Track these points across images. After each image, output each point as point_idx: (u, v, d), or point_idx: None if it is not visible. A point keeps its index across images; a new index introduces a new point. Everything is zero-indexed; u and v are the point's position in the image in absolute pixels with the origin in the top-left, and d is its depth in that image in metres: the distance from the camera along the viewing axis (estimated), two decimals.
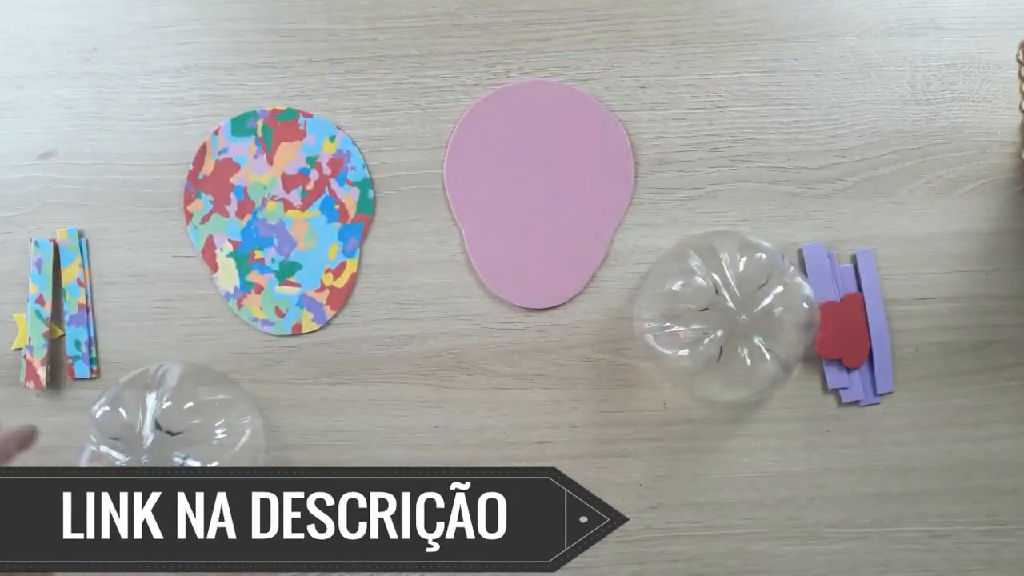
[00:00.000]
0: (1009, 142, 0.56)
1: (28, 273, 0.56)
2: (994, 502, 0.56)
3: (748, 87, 0.56)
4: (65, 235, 0.56)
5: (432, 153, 0.57)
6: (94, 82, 0.57)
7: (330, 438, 0.57)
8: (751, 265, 0.51)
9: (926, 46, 0.56)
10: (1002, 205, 0.56)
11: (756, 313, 0.50)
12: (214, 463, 0.51)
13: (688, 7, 0.57)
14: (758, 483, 0.56)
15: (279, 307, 0.56)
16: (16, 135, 0.57)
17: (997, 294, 0.56)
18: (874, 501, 0.56)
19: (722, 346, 0.50)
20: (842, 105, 0.56)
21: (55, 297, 0.56)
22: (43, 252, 0.55)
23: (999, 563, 0.56)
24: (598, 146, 0.56)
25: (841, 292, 0.56)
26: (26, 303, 0.56)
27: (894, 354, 0.56)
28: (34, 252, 0.55)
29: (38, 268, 0.55)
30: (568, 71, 0.57)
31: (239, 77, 0.57)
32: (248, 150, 0.57)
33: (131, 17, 0.57)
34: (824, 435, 0.56)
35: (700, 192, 0.56)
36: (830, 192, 0.56)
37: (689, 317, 0.51)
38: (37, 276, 0.55)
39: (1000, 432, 0.56)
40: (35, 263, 0.55)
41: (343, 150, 0.57)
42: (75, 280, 0.56)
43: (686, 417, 0.56)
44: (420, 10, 0.57)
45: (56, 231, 0.56)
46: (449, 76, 0.57)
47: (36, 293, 0.55)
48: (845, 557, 0.56)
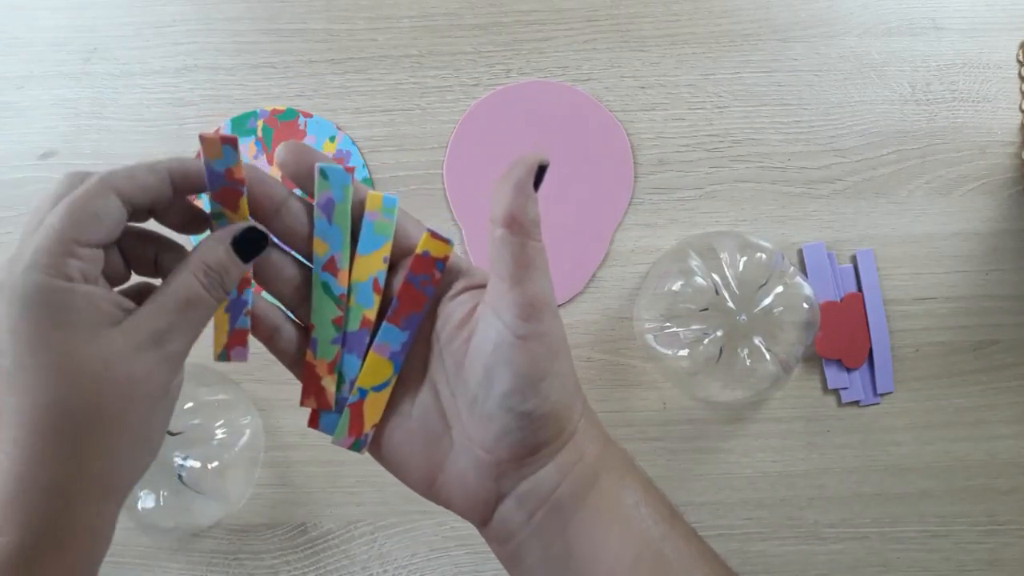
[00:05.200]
0: (1009, 142, 0.56)
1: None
2: (994, 502, 0.56)
3: (748, 87, 0.56)
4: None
5: (432, 153, 0.57)
6: (94, 82, 0.57)
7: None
8: (751, 265, 0.51)
9: (926, 46, 0.56)
10: (1002, 205, 0.56)
11: (756, 313, 0.50)
12: (214, 463, 0.51)
13: (688, 7, 0.57)
14: (758, 483, 0.56)
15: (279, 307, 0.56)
16: (16, 135, 0.57)
17: (997, 294, 0.56)
18: (874, 501, 0.56)
19: (722, 346, 0.50)
20: (842, 105, 0.56)
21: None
22: (334, 188, 0.30)
23: (999, 563, 0.56)
24: (598, 146, 0.56)
25: (841, 292, 0.56)
26: None
27: (894, 354, 0.56)
28: (320, 186, 0.30)
29: (327, 216, 0.30)
30: (568, 71, 0.57)
31: (239, 77, 0.57)
32: (248, 150, 0.57)
33: (131, 17, 0.57)
34: (824, 435, 0.56)
35: (700, 192, 0.56)
36: (830, 192, 0.56)
37: (689, 317, 0.51)
38: (327, 228, 0.30)
39: (1000, 432, 0.56)
40: (322, 205, 0.30)
41: (343, 150, 0.57)
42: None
43: (686, 417, 0.56)
44: (420, 10, 0.57)
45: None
46: (449, 76, 0.57)
47: (325, 255, 0.31)
48: (845, 557, 0.56)
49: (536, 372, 0.28)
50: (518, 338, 0.27)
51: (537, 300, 0.28)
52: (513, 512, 0.29)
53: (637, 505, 0.29)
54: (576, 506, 0.29)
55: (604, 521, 0.29)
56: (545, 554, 0.29)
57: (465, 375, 0.29)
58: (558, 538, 0.29)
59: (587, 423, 0.30)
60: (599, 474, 0.30)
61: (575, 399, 0.30)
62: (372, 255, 0.30)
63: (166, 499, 0.50)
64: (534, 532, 0.29)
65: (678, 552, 0.29)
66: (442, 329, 0.30)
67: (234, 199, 0.29)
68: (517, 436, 0.28)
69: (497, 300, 0.28)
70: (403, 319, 0.30)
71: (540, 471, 0.29)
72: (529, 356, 0.28)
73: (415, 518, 0.56)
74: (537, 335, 0.28)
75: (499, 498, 0.30)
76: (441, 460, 0.30)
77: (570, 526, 0.29)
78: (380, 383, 0.30)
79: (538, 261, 0.28)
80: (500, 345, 0.28)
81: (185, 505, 0.51)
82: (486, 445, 0.29)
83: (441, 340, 0.30)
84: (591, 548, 0.29)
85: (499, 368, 0.28)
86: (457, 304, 0.30)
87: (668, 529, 0.29)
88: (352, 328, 0.30)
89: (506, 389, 0.28)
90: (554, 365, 0.28)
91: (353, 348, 0.31)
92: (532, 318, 0.27)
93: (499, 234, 0.27)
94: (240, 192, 0.29)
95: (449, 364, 0.30)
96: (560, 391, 0.29)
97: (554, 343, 0.28)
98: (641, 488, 0.30)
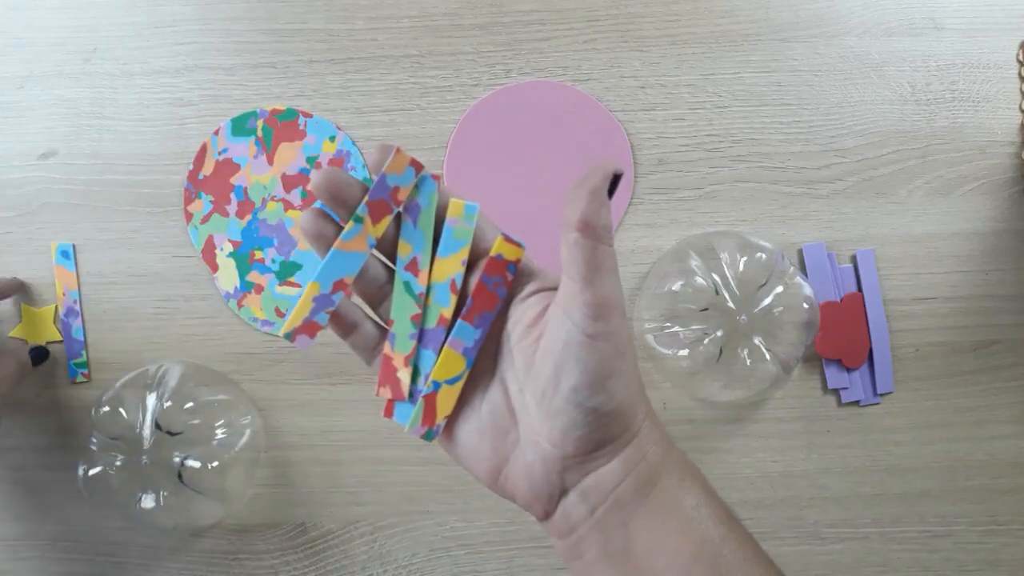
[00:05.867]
0: (1009, 142, 0.56)
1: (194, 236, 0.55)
2: (994, 502, 0.56)
3: (748, 87, 0.56)
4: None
5: (432, 153, 0.57)
6: (94, 82, 0.57)
7: (330, 438, 0.57)
8: (751, 265, 0.51)
9: (926, 46, 0.56)
10: (1002, 205, 0.56)
11: (756, 313, 0.50)
12: (214, 463, 0.51)
13: (688, 7, 0.57)
14: (758, 483, 0.56)
15: (279, 307, 0.56)
16: (16, 135, 0.57)
17: (997, 294, 0.56)
18: (874, 501, 0.56)
19: (722, 346, 0.50)
20: (842, 105, 0.56)
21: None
22: (422, 196, 0.32)
23: (999, 563, 0.56)
24: (598, 146, 0.56)
25: (841, 292, 0.56)
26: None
27: (894, 354, 0.56)
28: (412, 194, 0.32)
29: (413, 220, 0.33)
30: (568, 71, 0.57)
31: (239, 77, 0.57)
32: (248, 150, 0.57)
33: (131, 17, 0.57)
34: (824, 435, 0.56)
35: (700, 192, 0.56)
36: (830, 192, 0.56)
37: (689, 317, 0.51)
38: (412, 231, 0.33)
39: (1000, 432, 0.56)
40: (409, 210, 0.32)
41: (343, 150, 0.57)
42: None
43: (686, 417, 0.56)
44: (420, 10, 0.57)
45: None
46: (449, 76, 0.57)
47: (408, 256, 0.33)
48: (845, 557, 0.56)
49: (604, 370, 0.29)
50: (587, 336, 0.29)
51: (607, 301, 0.29)
52: (576, 506, 0.30)
53: (697, 507, 0.30)
54: (637, 503, 0.30)
55: (664, 519, 0.30)
56: (605, 548, 0.30)
57: (535, 372, 0.30)
58: (618, 533, 0.30)
59: (651, 425, 0.31)
60: (661, 474, 0.30)
61: (639, 400, 0.31)
62: (451, 257, 0.32)
63: (166, 499, 0.50)
64: (595, 526, 0.30)
65: (735, 554, 0.30)
66: (513, 328, 0.32)
67: (382, 214, 0.31)
68: (583, 431, 0.29)
69: (568, 300, 0.29)
70: (477, 317, 0.32)
71: (604, 467, 0.30)
72: (597, 354, 0.29)
73: (415, 518, 0.56)
74: (605, 334, 0.29)
75: (563, 492, 0.31)
76: (508, 453, 0.32)
77: (631, 522, 0.30)
78: (453, 377, 0.32)
79: (608, 264, 0.29)
80: (570, 343, 0.29)
81: (185, 505, 0.51)
82: (553, 439, 0.30)
83: (512, 339, 0.32)
84: (650, 544, 0.29)
85: (568, 365, 0.29)
86: (528, 305, 0.32)
87: (727, 531, 0.30)
88: (429, 325, 0.33)
89: (574, 385, 0.29)
90: (621, 364, 0.29)
91: (429, 344, 0.33)
92: (601, 318, 0.29)
93: (572, 237, 0.29)
94: (390, 211, 0.31)
95: (519, 361, 0.32)
96: (625, 390, 0.30)
97: (621, 343, 0.30)
98: (702, 491, 0.31)
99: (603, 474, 0.30)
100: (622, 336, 0.30)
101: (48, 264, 0.57)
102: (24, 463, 0.57)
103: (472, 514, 0.56)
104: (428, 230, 0.32)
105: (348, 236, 0.31)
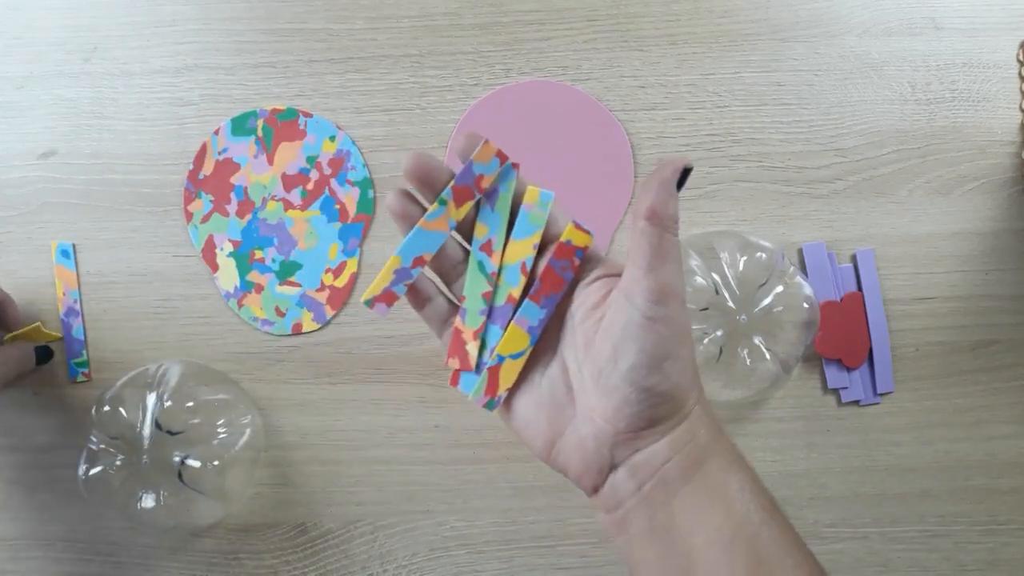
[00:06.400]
0: (1009, 142, 0.56)
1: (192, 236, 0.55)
2: (994, 502, 0.56)
3: (748, 87, 0.56)
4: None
5: (432, 153, 0.57)
6: (94, 82, 0.57)
7: (330, 438, 0.57)
8: (751, 265, 0.51)
9: (926, 46, 0.56)
10: (1002, 205, 0.56)
11: (756, 313, 0.50)
12: (214, 463, 0.51)
13: (688, 7, 0.57)
14: None
15: (279, 307, 0.56)
16: (16, 135, 0.57)
17: (997, 294, 0.56)
18: (874, 501, 0.56)
19: (722, 346, 0.50)
20: (842, 105, 0.56)
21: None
22: (502, 181, 0.34)
23: (999, 563, 0.56)
24: (598, 146, 0.56)
25: (841, 292, 0.56)
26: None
27: (894, 354, 0.56)
28: (493, 179, 0.34)
29: (491, 203, 0.35)
30: (568, 71, 0.57)
31: (239, 77, 0.57)
32: (248, 150, 0.57)
33: (131, 17, 0.57)
34: (824, 435, 0.56)
35: (700, 192, 0.56)
36: (830, 192, 0.56)
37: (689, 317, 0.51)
38: (489, 214, 0.35)
39: (1000, 432, 0.56)
40: (488, 194, 0.35)
41: (343, 150, 0.57)
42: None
43: None
44: (420, 10, 0.57)
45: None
46: (449, 76, 0.57)
47: (484, 237, 0.35)
48: (845, 557, 0.56)
49: (660, 352, 0.30)
50: (647, 319, 0.30)
51: (668, 287, 0.30)
52: (624, 481, 0.32)
53: (742, 490, 0.31)
54: (683, 481, 0.31)
55: (708, 498, 0.31)
56: (650, 523, 0.31)
57: (594, 351, 0.32)
58: (663, 509, 0.31)
59: (702, 410, 0.32)
60: (708, 457, 0.32)
61: (693, 384, 0.32)
62: (524, 241, 0.34)
63: (166, 499, 0.50)
64: (642, 501, 0.31)
65: (774, 539, 0.31)
66: (577, 310, 0.34)
67: (464, 199, 0.34)
68: (636, 408, 0.31)
69: (631, 285, 0.31)
70: (543, 298, 0.34)
71: (654, 445, 0.31)
72: (655, 336, 0.30)
73: (415, 518, 0.56)
74: (665, 318, 0.30)
75: (612, 467, 0.32)
76: (563, 427, 0.33)
77: (676, 499, 0.31)
78: (517, 352, 0.34)
79: (673, 253, 0.31)
80: (629, 325, 0.30)
81: (185, 505, 0.51)
82: (607, 415, 0.31)
83: (575, 319, 0.33)
84: (693, 521, 0.31)
85: (627, 345, 0.30)
86: (593, 289, 0.33)
87: (768, 516, 0.31)
88: (499, 303, 0.35)
89: (632, 363, 0.30)
90: (677, 348, 0.31)
91: (497, 320, 0.35)
92: (661, 302, 0.30)
93: (641, 225, 0.31)
94: (472, 196, 0.34)
95: (580, 341, 0.33)
96: (680, 373, 0.31)
97: (679, 329, 0.31)
98: (747, 477, 0.32)
99: (652, 451, 0.31)
100: (680, 322, 0.31)
101: (48, 264, 0.57)
102: (24, 463, 0.57)
103: (472, 514, 0.56)
104: (504, 214, 0.34)
105: (432, 217, 0.34)
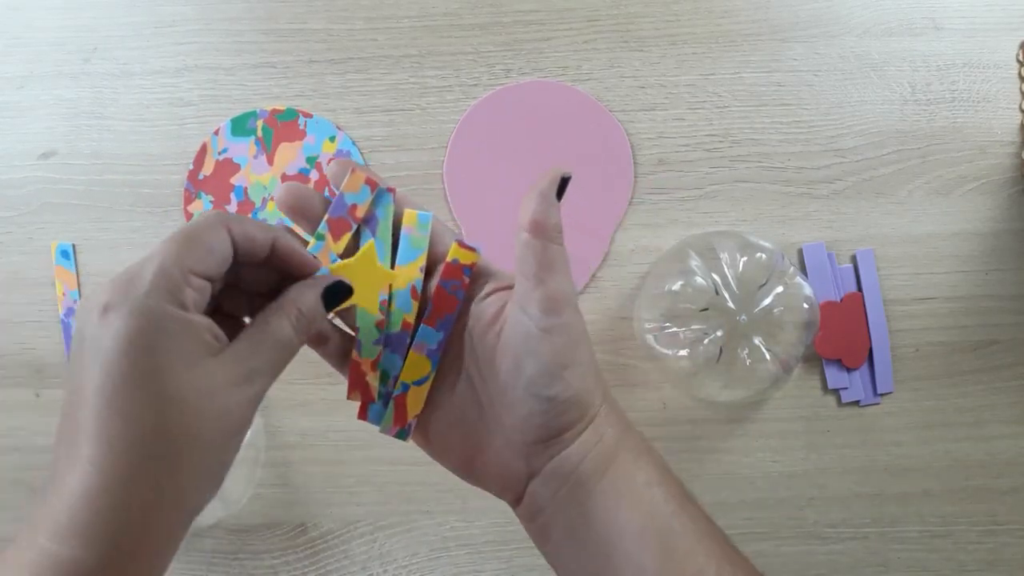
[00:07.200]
0: (1009, 142, 0.56)
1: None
2: (994, 502, 0.56)
3: (748, 87, 0.56)
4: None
5: (432, 153, 0.57)
6: (94, 82, 0.57)
7: (330, 438, 0.57)
8: (751, 265, 0.51)
9: (926, 46, 0.56)
10: (1002, 205, 0.56)
11: (756, 313, 0.50)
12: None
13: (688, 7, 0.57)
14: (758, 483, 0.56)
15: None
16: (16, 135, 0.57)
17: (997, 294, 0.56)
18: (874, 501, 0.56)
19: (722, 346, 0.50)
20: (842, 105, 0.56)
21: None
22: (379, 207, 0.33)
23: (999, 563, 0.56)
24: (598, 146, 0.56)
25: (841, 292, 0.56)
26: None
27: (894, 354, 0.56)
28: (369, 206, 0.33)
29: (372, 231, 0.33)
30: (568, 71, 0.57)
31: (239, 77, 0.57)
32: (248, 150, 0.57)
33: (131, 17, 0.57)
34: (824, 435, 0.56)
35: (700, 192, 0.56)
36: (830, 192, 0.56)
37: (689, 317, 0.51)
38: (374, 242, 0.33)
39: (1000, 432, 0.56)
40: (368, 223, 0.33)
41: (343, 150, 0.57)
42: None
43: (686, 417, 0.56)
44: (420, 10, 0.57)
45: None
46: (449, 76, 0.57)
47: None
48: (845, 557, 0.56)
49: (559, 360, 0.30)
50: (542, 331, 0.30)
51: (559, 295, 0.31)
52: (540, 489, 0.32)
53: (648, 484, 0.32)
54: (595, 482, 0.31)
55: (617, 495, 0.31)
56: (568, 527, 0.32)
57: (497, 366, 0.32)
58: (578, 511, 0.31)
59: (608, 409, 0.33)
60: (617, 454, 0.32)
61: (596, 386, 0.32)
62: (409, 265, 0.34)
63: None
64: (559, 507, 0.32)
65: (684, 528, 0.31)
66: (474, 327, 0.33)
67: (342, 231, 0.33)
68: (542, 419, 0.31)
69: (523, 297, 0.31)
70: (438, 320, 0.34)
71: (565, 451, 0.32)
72: (552, 346, 0.30)
73: (415, 518, 0.56)
74: (559, 327, 0.30)
75: (530, 477, 0.32)
76: (479, 444, 0.33)
77: (589, 500, 0.31)
78: (420, 378, 0.34)
79: (559, 262, 0.31)
80: (527, 337, 0.31)
81: None
82: (516, 427, 0.32)
83: (474, 336, 0.33)
84: (605, 519, 0.31)
85: (526, 358, 0.31)
86: (487, 304, 0.33)
87: (677, 507, 0.32)
88: (394, 329, 0.34)
89: (532, 375, 0.31)
90: (576, 355, 0.31)
91: (395, 348, 0.34)
92: (554, 312, 0.30)
93: (524, 238, 0.31)
94: (350, 227, 0.33)
95: (482, 357, 0.33)
96: (581, 378, 0.31)
97: (576, 335, 0.31)
98: (655, 470, 0.32)
99: (564, 457, 0.32)
100: (576, 328, 0.31)
101: (48, 264, 0.57)
102: (24, 463, 0.57)
103: (472, 514, 0.56)
104: (387, 240, 0.33)
105: (312, 252, 0.32)
